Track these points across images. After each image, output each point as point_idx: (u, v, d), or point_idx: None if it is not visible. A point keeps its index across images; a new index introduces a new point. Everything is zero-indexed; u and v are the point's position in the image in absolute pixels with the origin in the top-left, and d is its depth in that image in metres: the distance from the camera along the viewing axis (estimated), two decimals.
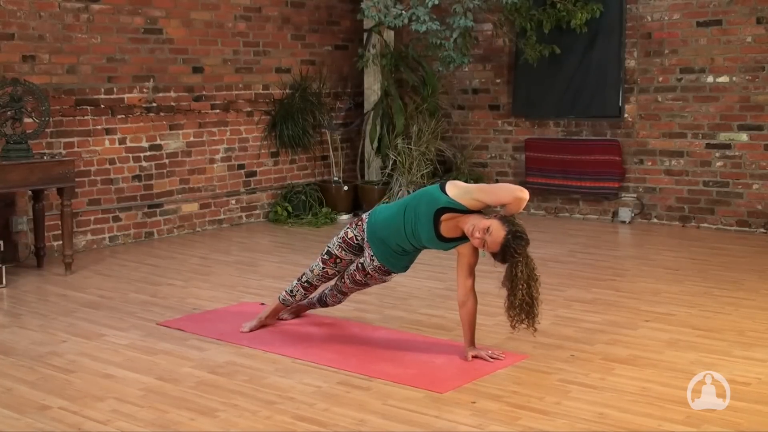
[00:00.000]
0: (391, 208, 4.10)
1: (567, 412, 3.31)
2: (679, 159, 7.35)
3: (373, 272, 4.14)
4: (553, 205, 8.09)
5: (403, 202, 4.05)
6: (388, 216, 4.04)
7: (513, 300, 3.76)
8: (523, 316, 3.78)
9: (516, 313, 3.77)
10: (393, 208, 4.07)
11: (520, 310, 3.76)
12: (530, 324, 3.80)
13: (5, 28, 6.14)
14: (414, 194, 4.05)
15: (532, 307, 3.76)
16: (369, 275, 4.17)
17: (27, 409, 3.43)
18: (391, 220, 4.01)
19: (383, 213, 4.09)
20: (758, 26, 6.87)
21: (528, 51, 7.53)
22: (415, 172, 7.81)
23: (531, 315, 3.78)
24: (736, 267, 5.81)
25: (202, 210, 7.51)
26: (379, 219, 4.07)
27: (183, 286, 5.54)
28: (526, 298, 3.73)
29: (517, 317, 3.78)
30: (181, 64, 7.23)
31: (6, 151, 5.61)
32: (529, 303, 3.75)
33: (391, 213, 4.04)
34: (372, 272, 4.14)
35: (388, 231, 4.01)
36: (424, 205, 3.88)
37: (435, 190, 3.89)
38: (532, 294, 3.75)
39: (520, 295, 3.73)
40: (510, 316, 3.80)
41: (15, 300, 5.26)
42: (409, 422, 3.26)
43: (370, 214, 4.16)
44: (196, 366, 3.92)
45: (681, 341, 4.18)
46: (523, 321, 3.79)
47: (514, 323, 3.81)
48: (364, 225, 4.12)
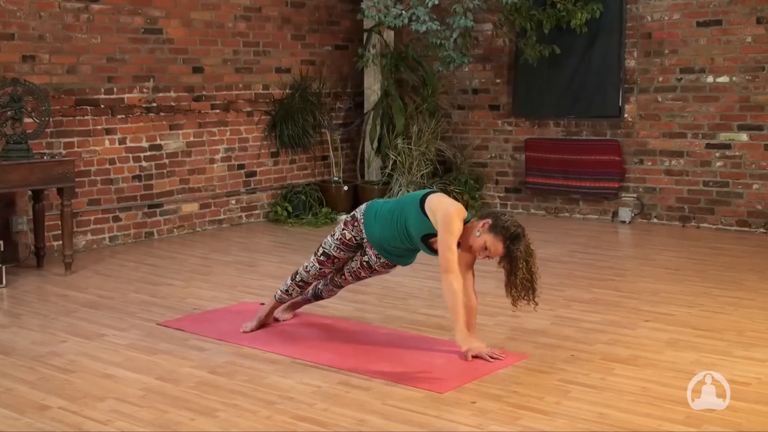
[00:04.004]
0: (384, 214, 4.03)
1: (567, 412, 3.31)
2: (679, 159, 7.35)
3: (380, 268, 4.20)
4: (553, 205, 8.09)
5: (392, 209, 4.00)
6: (383, 224, 4.01)
7: (514, 279, 3.79)
8: (524, 293, 3.80)
9: (517, 291, 3.80)
10: (386, 215, 4.02)
11: (522, 288, 3.79)
12: (531, 299, 3.82)
13: (5, 28, 6.14)
14: (401, 206, 3.99)
15: (532, 282, 3.79)
16: (375, 270, 4.22)
17: (27, 409, 3.43)
18: (386, 229, 4.01)
19: (378, 221, 4.04)
20: (758, 26, 6.87)
21: (528, 51, 7.53)
22: (415, 172, 7.82)
23: (532, 290, 3.80)
24: (736, 267, 5.81)
25: (202, 210, 7.51)
26: (376, 228, 4.04)
27: (183, 286, 5.54)
28: (527, 275, 3.76)
29: (518, 295, 3.81)
30: (181, 64, 7.23)
31: (6, 151, 5.61)
32: (529, 279, 3.78)
33: (385, 221, 4.01)
34: (378, 268, 4.20)
35: (386, 238, 4.03)
36: (413, 228, 3.90)
37: (417, 212, 3.87)
38: (532, 269, 3.78)
39: (521, 274, 3.76)
40: (511, 295, 3.83)
41: (15, 300, 5.25)
42: (409, 422, 3.26)
43: (365, 215, 4.12)
44: (196, 366, 3.92)
45: (681, 341, 4.18)
46: (524, 297, 3.82)
47: (515, 301, 3.83)
48: (361, 226, 4.11)
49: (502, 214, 3.88)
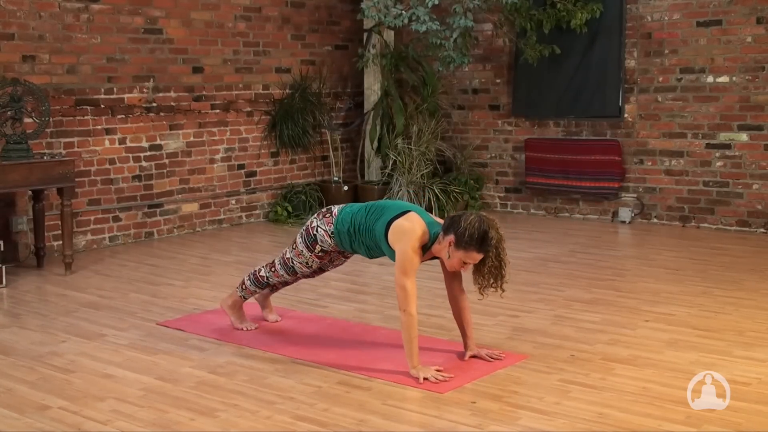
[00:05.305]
0: (357, 224, 3.97)
1: (567, 412, 3.31)
2: (679, 159, 7.35)
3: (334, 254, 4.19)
4: (553, 205, 8.09)
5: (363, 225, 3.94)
6: (355, 231, 3.98)
7: (482, 268, 3.69)
8: (492, 280, 3.71)
9: (485, 279, 3.71)
10: (357, 226, 3.96)
11: (489, 275, 3.69)
12: (499, 286, 3.72)
13: (5, 28, 6.14)
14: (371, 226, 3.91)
15: (500, 270, 3.69)
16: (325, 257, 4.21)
17: (27, 409, 3.43)
18: (356, 235, 3.98)
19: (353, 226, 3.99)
20: (758, 26, 6.87)
21: (528, 51, 7.53)
22: (415, 172, 7.81)
23: (500, 277, 3.71)
24: (736, 267, 5.81)
25: (202, 210, 7.51)
26: (345, 229, 4.01)
27: (183, 286, 5.54)
28: (495, 262, 3.67)
29: (485, 283, 3.72)
30: (181, 64, 7.23)
31: (6, 151, 5.61)
32: (497, 266, 3.68)
33: (357, 229, 3.97)
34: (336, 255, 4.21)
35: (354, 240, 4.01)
36: (386, 250, 3.88)
37: (384, 239, 3.83)
38: (500, 256, 3.68)
39: (489, 262, 3.67)
40: (478, 283, 3.73)
41: (15, 300, 5.26)
42: (409, 422, 3.26)
43: (341, 212, 4.07)
44: (196, 366, 3.92)
45: (681, 341, 4.18)
46: (492, 285, 3.73)
47: (482, 289, 3.74)
48: (333, 218, 4.06)
49: (457, 220, 3.66)
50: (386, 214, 3.86)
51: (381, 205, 3.96)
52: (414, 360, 3.73)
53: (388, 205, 3.94)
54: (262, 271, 4.37)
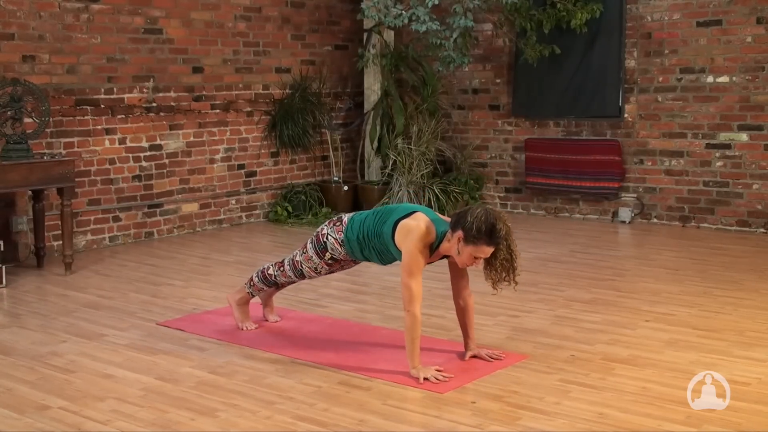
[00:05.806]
0: (366, 231, 3.97)
1: (567, 412, 3.31)
2: (679, 159, 7.35)
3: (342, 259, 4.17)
4: (553, 205, 8.09)
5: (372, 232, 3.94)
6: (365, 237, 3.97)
7: (494, 262, 3.67)
8: (504, 274, 3.69)
9: (497, 273, 3.68)
10: (367, 232, 3.96)
11: (502, 269, 3.67)
12: (512, 279, 3.71)
13: (5, 28, 6.14)
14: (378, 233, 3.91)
15: (512, 262, 3.68)
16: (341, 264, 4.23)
17: (27, 409, 3.43)
18: (365, 241, 3.97)
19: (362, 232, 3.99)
20: (758, 26, 6.87)
21: (528, 51, 7.53)
22: (415, 172, 7.81)
23: (512, 270, 3.69)
24: (736, 267, 5.81)
25: (202, 210, 7.51)
26: (354, 234, 4.01)
27: (183, 286, 5.54)
28: (507, 255, 3.65)
29: (498, 277, 3.69)
30: (181, 64, 7.23)
31: (6, 151, 5.61)
32: (509, 259, 3.66)
33: (366, 236, 3.97)
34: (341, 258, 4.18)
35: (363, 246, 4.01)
36: (395, 253, 3.86)
37: (391, 242, 3.82)
38: (511, 248, 3.66)
39: (501, 255, 3.65)
40: (491, 278, 3.71)
41: (15, 300, 5.26)
42: (409, 422, 3.26)
43: (351, 220, 4.08)
44: (196, 366, 3.92)
45: (681, 341, 4.18)
46: (505, 279, 3.71)
47: (495, 284, 3.72)
48: (343, 227, 4.07)
49: (464, 215, 3.65)
50: (393, 216, 3.87)
51: (389, 209, 3.98)
52: (415, 360, 3.73)
53: (396, 208, 3.95)
54: (270, 270, 4.38)
